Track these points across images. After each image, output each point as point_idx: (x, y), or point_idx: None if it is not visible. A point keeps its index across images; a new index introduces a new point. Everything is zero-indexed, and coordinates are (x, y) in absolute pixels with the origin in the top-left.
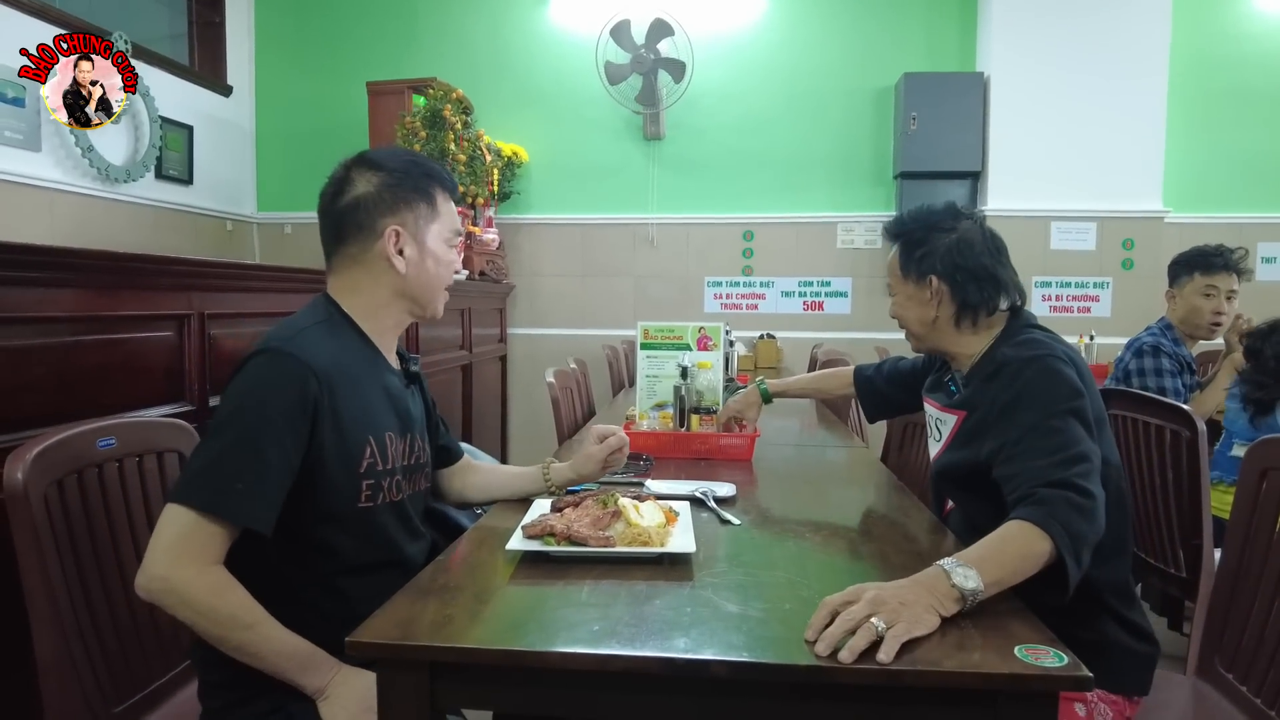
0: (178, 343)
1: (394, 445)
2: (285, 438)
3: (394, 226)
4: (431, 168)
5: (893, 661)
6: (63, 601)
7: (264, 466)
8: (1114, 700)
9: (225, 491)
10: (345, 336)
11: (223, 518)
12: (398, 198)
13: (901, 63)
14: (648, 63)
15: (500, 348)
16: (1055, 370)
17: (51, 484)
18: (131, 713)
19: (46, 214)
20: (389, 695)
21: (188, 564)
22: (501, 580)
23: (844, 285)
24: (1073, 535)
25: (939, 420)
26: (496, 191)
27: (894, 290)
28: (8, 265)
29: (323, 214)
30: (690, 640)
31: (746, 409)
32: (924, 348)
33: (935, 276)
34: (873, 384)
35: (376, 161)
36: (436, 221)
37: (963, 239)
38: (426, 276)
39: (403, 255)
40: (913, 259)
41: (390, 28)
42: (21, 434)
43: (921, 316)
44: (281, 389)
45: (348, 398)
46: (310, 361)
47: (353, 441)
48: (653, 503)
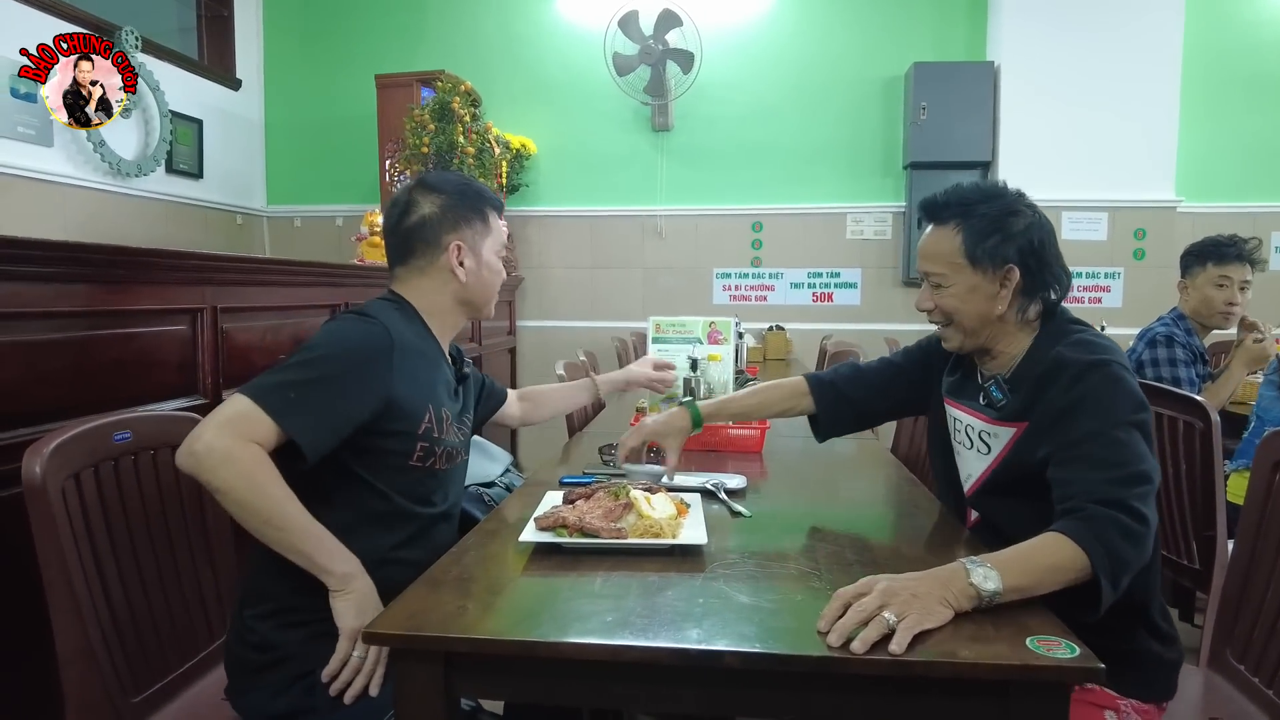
0: (190, 336)
1: (448, 424)
2: (355, 384)
3: (456, 242)
4: (483, 190)
5: (904, 652)
6: (82, 593)
7: (330, 398)
8: (1146, 709)
9: (289, 402)
10: (413, 322)
11: (278, 420)
12: (459, 216)
13: (911, 52)
14: (656, 54)
15: (510, 340)
16: (1121, 378)
17: (69, 477)
18: (150, 703)
19: (59, 209)
20: (405, 685)
21: (236, 435)
22: (515, 572)
23: (854, 276)
24: (1115, 559)
25: (985, 432)
26: (505, 184)
27: (947, 279)
28: (24, 261)
29: (389, 233)
30: (703, 631)
31: (668, 434)
32: (970, 345)
33: (1014, 265)
34: (835, 389)
35: (436, 185)
36: (490, 236)
37: (1037, 224)
38: (483, 284)
39: (464, 266)
40: (985, 244)
41: (398, 20)
42: (39, 427)
43: (984, 311)
44: (363, 342)
45: (416, 367)
46: (389, 325)
47: (417, 403)
48: (664, 495)
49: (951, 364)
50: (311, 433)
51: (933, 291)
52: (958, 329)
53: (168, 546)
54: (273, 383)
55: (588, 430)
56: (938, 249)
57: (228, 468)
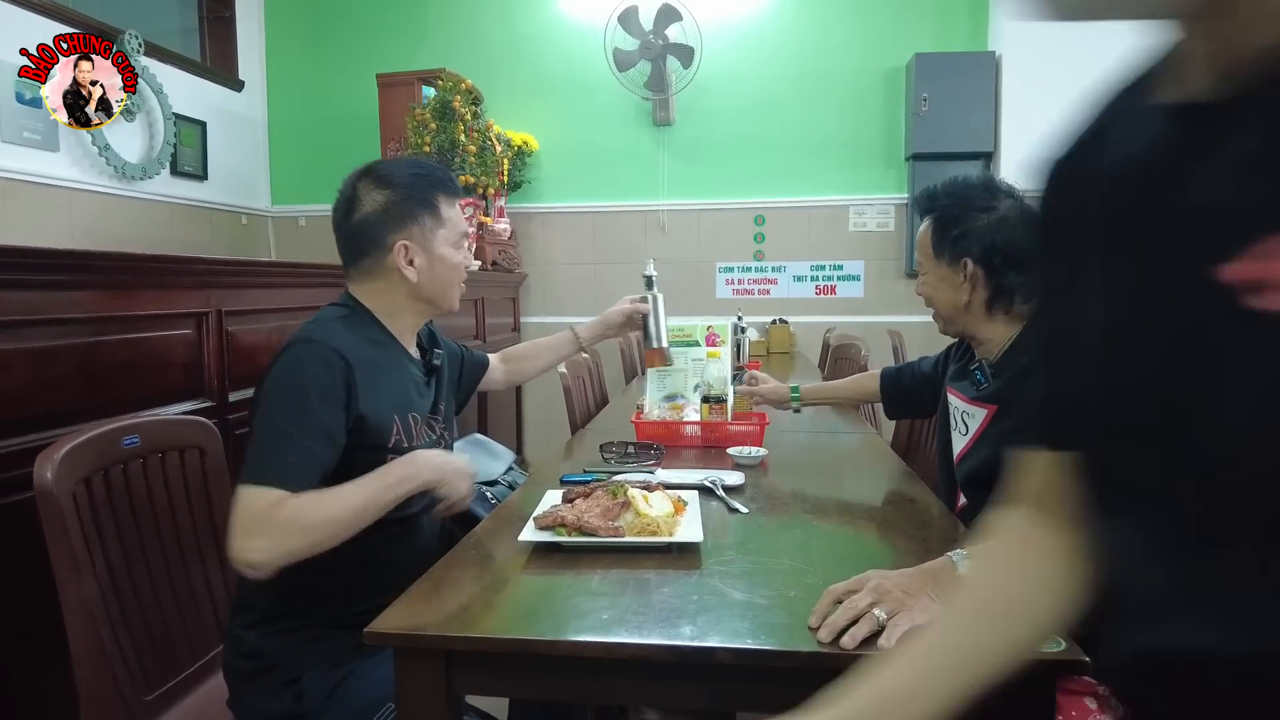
0: (196, 339)
1: (418, 427)
2: (324, 415)
3: (402, 241)
4: (433, 177)
5: (894, 647)
6: (93, 594)
7: (313, 443)
8: None
9: (286, 467)
10: (367, 328)
11: (284, 487)
12: (404, 213)
13: (912, 43)
14: (656, 48)
15: (514, 337)
16: None
17: (79, 482)
18: (162, 700)
19: (66, 213)
20: (407, 683)
21: (264, 529)
22: (514, 570)
23: (856, 269)
24: None
25: (965, 413)
26: (507, 181)
27: (924, 269)
28: (32, 269)
29: (336, 230)
30: (696, 627)
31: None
32: (951, 331)
33: (970, 259)
34: (898, 380)
35: (381, 176)
36: (442, 229)
37: (1003, 219)
38: (438, 281)
39: (413, 265)
40: (946, 239)
41: (399, 19)
42: (49, 432)
43: (952, 300)
44: (316, 373)
45: (373, 379)
46: (337, 346)
47: (382, 418)
48: (661, 492)
49: (957, 353)
50: (308, 480)
51: (919, 280)
52: (937, 316)
53: (176, 548)
54: (260, 459)
55: (590, 427)
56: (920, 240)
57: (287, 544)
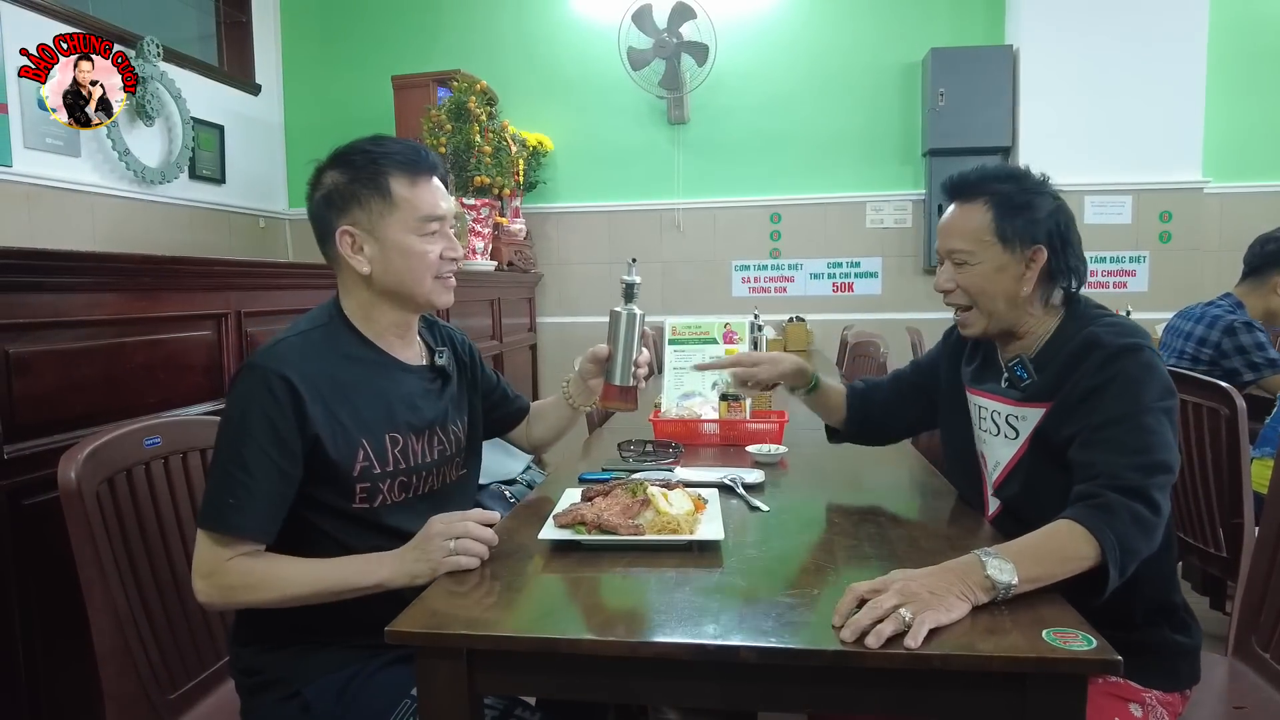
0: (216, 341)
1: (400, 445)
2: (269, 447)
3: (344, 227)
4: (381, 154)
5: (920, 646)
6: (117, 593)
7: (250, 480)
8: (1170, 700)
9: (222, 509)
10: (343, 341)
11: (231, 534)
12: (346, 196)
13: (928, 38)
14: (670, 47)
15: (530, 337)
16: (1153, 364)
17: (103, 482)
18: (186, 699)
19: (88, 217)
20: (429, 682)
21: (213, 575)
22: (535, 569)
23: (874, 265)
24: (1125, 549)
25: (1010, 416)
26: (523, 181)
27: (974, 257)
28: (57, 272)
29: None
30: (719, 626)
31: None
32: (995, 329)
33: (1042, 245)
34: (865, 406)
35: (337, 155)
36: (395, 212)
37: (1062, 208)
38: (396, 273)
39: (363, 254)
40: (1014, 223)
41: (414, 21)
42: (73, 433)
43: (1010, 290)
44: (258, 402)
45: (334, 402)
46: (282, 370)
47: (344, 444)
48: (681, 490)
49: (969, 353)
50: (249, 524)
51: (956, 271)
52: (981, 312)
53: None
54: (212, 501)
55: (608, 426)
56: (965, 226)
57: (235, 598)
